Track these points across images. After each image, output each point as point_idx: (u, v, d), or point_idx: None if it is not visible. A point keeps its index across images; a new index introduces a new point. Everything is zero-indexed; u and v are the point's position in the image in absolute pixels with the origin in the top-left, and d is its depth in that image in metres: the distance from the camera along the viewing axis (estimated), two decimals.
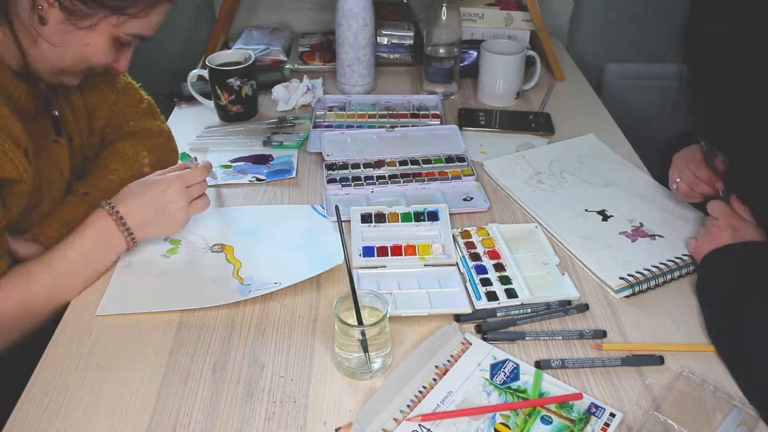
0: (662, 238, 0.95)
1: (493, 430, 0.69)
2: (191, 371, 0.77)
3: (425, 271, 0.91)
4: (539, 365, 0.77)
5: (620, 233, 0.96)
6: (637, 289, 0.87)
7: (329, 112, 1.32)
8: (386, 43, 1.51)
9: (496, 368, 0.76)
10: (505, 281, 0.89)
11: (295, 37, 1.64)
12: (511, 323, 0.82)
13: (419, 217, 0.99)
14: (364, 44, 1.33)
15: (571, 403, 0.72)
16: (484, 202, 1.05)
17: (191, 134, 1.24)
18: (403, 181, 1.09)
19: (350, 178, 1.10)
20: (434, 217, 0.99)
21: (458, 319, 0.83)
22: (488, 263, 0.92)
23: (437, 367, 0.76)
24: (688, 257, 0.90)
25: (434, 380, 0.74)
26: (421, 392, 0.73)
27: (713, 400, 0.72)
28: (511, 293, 0.87)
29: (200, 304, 0.85)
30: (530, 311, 0.84)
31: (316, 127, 1.27)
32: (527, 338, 0.80)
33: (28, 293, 0.82)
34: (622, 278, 0.87)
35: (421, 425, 0.69)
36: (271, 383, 0.75)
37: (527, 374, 0.75)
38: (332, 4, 1.34)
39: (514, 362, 0.77)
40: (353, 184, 1.08)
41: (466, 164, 1.13)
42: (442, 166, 1.13)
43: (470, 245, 0.95)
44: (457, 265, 0.92)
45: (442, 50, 1.35)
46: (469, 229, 0.98)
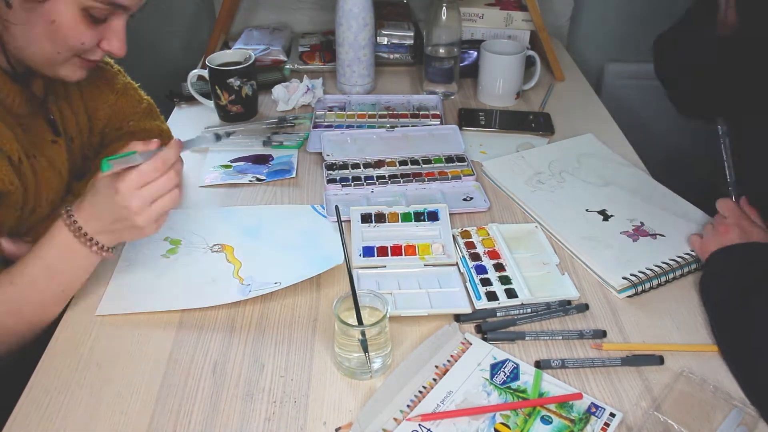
0: (663, 237, 0.95)
1: (493, 430, 0.69)
2: (191, 371, 0.77)
3: (425, 271, 0.91)
4: (539, 365, 0.77)
5: (621, 233, 0.96)
6: (639, 288, 0.87)
7: (329, 112, 1.32)
8: (386, 43, 1.51)
9: (496, 368, 0.76)
10: (505, 281, 0.89)
11: (295, 37, 1.64)
12: (511, 323, 0.82)
13: (419, 217, 0.99)
14: (364, 44, 1.33)
15: (571, 403, 0.72)
16: (484, 202, 1.05)
17: (191, 134, 1.24)
18: (403, 181, 1.09)
19: (350, 178, 1.10)
20: (434, 217, 0.99)
21: (458, 319, 0.83)
22: (488, 263, 0.92)
23: (437, 367, 0.76)
24: (689, 256, 0.90)
25: (434, 380, 0.74)
26: (421, 392, 0.73)
27: (713, 400, 0.72)
28: (511, 293, 0.87)
29: (200, 304, 0.85)
30: (530, 311, 0.84)
31: (316, 127, 1.27)
32: (527, 338, 0.80)
33: None
34: (624, 278, 0.87)
35: (421, 425, 0.69)
36: (271, 383, 0.75)
37: (527, 374, 0.75)
38: (332, 4, 1.34)
39: (514, 362, 0.77)
40: (353, 184, 1.08)
41: (466, 164, 1.13)
42: (442, 166, 1.13)
43: (470, 245, 0.95)
44: (457, 265, 0.92)
45: (442, 50, 1.35)
46: (469, 229, 0.98)
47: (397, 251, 0.94)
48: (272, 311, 0.85)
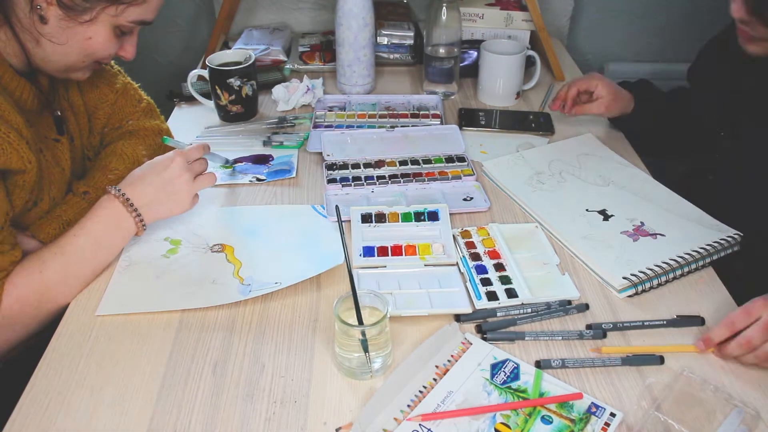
0: (663, 236, 0.94)
1: (493, 429, 0.69)
2: (191, 371, 0.77)
3: (425, 271, 0.91)
4: (539, 365, 0.77)
5: (621, 232, 0.96)
6: (640, 288, 0.87)
7: (329, 112, 1.32)
8: (386, 43, 1.51)
9: (496, 368, 0.76)
10: (505, 281, 0.89)
11: (295, 37, 1.64)
12: (511, 323, 0.82)
13: (419, 217, 0.99)
14: (364, 44, 1.33)
15: (571, 402, 0.72)
16: (484, 202, 1.05)
17: (191, 134, 1.24)
18: (403, 181, 1.09)
19: (350, 178, 1.10)
20: (434, 217, 0.99)
21: (458, 319, 0.83)
22: (488, 263, 0.92)
23: (437, 367, 0.76)
24: (689, 256, 0.90)
25: (434, 380, 0.74)
26: (421, 392, 0.73)
27: (714, 400, 0.72)
28: (511, 293, 0.87)
29: (200, 304, 0.85)
30: (530, 311, 0.84)
31: (316, 127, 1.27)
32: (527, 338, 0.80)
33: (42, 280, 0.82)
34: (625, 278, 0.87)
35: (421, 425, 0.69)
36: (271, 383, 0.75)
37: (527, 374, 0.75)
38: (332, 4, 1.34)
39: (514, 362, 0.77)
40: (353, 184, 1.08)
41: (466, 164, 1.13)
42: (442, 166, 1.13)
43: (470, 245, 0.95)
44: (457, 265, 0.92)
45: (442, 50, 1.35)
46: (469, 229, 0.98)
47: (397, 251, 0.94)
48: (272, 311, 0.85)
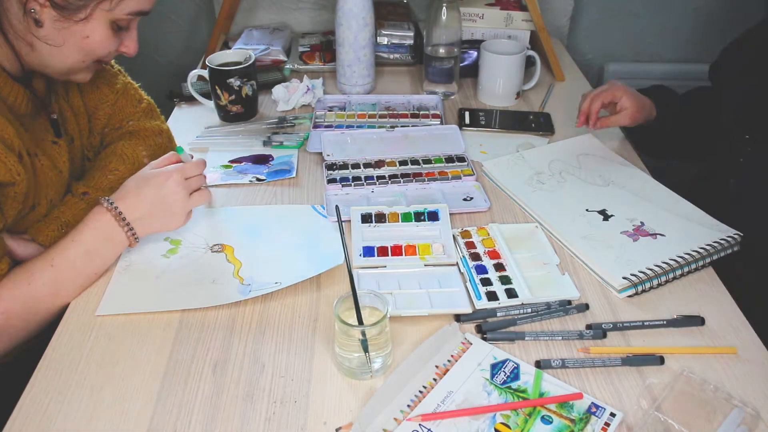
0: (663, 236, 0.94)
1: (493, 429, 0.69)
2: (191, 371, 0.77)
3: (425, 271, 0.91)
4: (539, 365, 0.77)
5: (621, 232, 0.96)
6: (640, 288, 0.87)
7: (329, 112, 1.32)
8: (386, 43, 1.51)
9: (496, 368, 0.76)
10: (505, 281, 0.89)
11: (295, 37, 1.64)
12: (511, 323, 0.82)
13: (419, 217, 0.99)
14: (364, 44, 1.33)
15: (571, 402, 0.72)
16: (484, 202, 1.05)
17: (191, 134, 1.24)
18: (403, 181, 1.09)
19: (350, 178, 1.10)
20: (434, 217, 0.99)
21: (458, 319, 0.83)
22: (488, 263, 0.92)
23: (437, 367, 0.76)
24: (689, 256, 0.90)
25: (434, 380, 0.74)
26: (421, 392, 0.73)
27: (714, 400, 0.72)
28: (511, 293, 0.87)
29: (200, 304, 0.85)
30: (530, 311, 0.84)
31: (316, 127, 1.27)
32: (527, 338, 0.80)
33: (30, 292, 0.81)
34: (625, 278, 0.87)
35: (421, 425, 0.69)
36: (271, 383, 0.75)
37: (527, 374, 0.75)
38: (332, 4, 1.34)
39: (514, 362, 0.77)
40: (353, 184, 1.08)
41: (466, 164, 1.13)
42: (442, 166, 1.13)
43: (470, 245, 0.95)
44: (457, 265, 0.92)
45: (442, 50, 1.35)
46: (469, 229, 0.98)
47: (397, 251, 0.94)
48: (272, 311, 0.85)
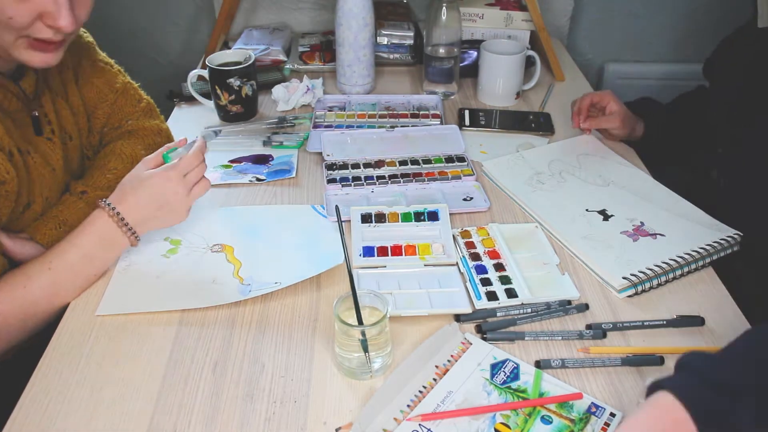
0: (663, 236, 0.94)
1: (493, 430, 0.69)
2: (191, 371, 0.77)
3: (425, 271, 0.91)
4: (539, 365, 0.77)
5: (621, 233, 0.96)
6: (640, 288, 0.87)
7: (329, 112, 1.32)
8: (386, 43, 1.51)
9: (496, 368, 0.76)
10: (505, 281, 0.89)
11: (295, 37, 1.64)
12: (511, 323, 0.82)
13: (419, 217, 0.99)
14: (364, 44, 1.33)
15: (571, 402, 0.72)
16: (484, 202, 1.05)
17: (191, 134, 1.23)
18: (403, 181, 1.09)
19: (350, 178, 1.10)
20: (434, 217, 0.99)
21: (458, 319, 0.83)
22: (488, 263, 0.92)
23: (437, 367, 0.76)
24: (689, 256, 0.90)
25: (434, 380, 0.74)
26: (421, 392, 0.73)
27: None
28: (511, 293, 0.87)
29: (200, 304, 0.85)
30: (530, 311, 0.84)
31: (316, 127, 1.27)
32: (527, 338, 0.80)
33: (26, 295, 0.81)
34: (625, 278, 0.87)
35: (421, 425, 0.69)
36: (271, 383, 0.75)
37: (527, 374, 0.75)
38: (332, 4, 1.34)
39: (514, 362, 0.77)
40: (353, 184, 1.08)
41: (466, 164, 1.13)
42: (442, 166, 1.13)
43: (470, 245, 0.95)
44: (457, 265, 0.92)
45: (442, 50, 1.35)
46: (469, 229, 0.98)
47: (397, 251, 0.94)
48: (272, 311, 0.85)
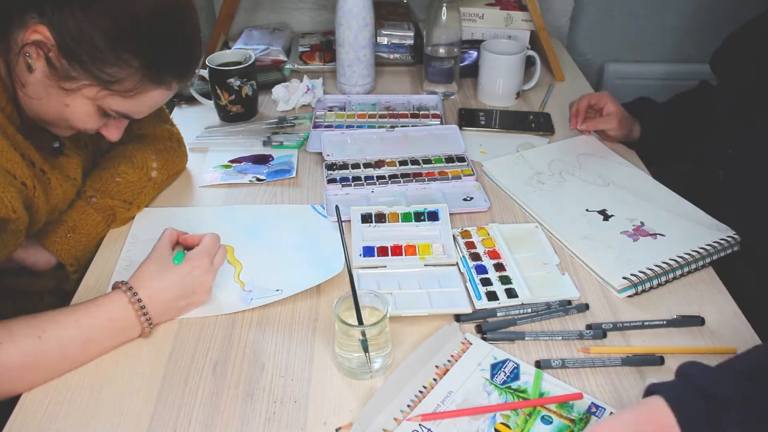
0: (663, 236, 0.94)
1: (493, 430, 0.69)
2: (191, 371, 0.77)
3: (425, 271, 0.91)
4: (539, 365, 0.77)
5: (621, 233, 0.96)
6: (640, 288, 0.87)
7: (329, 112, 1.32)
8: (386, 43, 1.51)
9: (496, 368, 0.76)
10: (505, 281, 0.89)
11: (295, 37, 1.64)
12: (511, 323, 0.82)
13: (419, 217, 0.99)
14: (364, 44, 1.33)
15: (571, 402, 0.72)
16: (484, 202, 1.05)
17: (191, 134, 1.24)
18: (403, 181, 1.09)
19: (350, 178, 1.10)
20: (434, 217, 0.99)
21: (458, 319, 0.83)
22: (488, 263, 0.92)
23: (437, 367, 0.76)
24: (689, 256, 0.90)
25: (434, 380, 0.74)
26: (421, 392, 0.73)
27: None
28: (511, 293, 0.87)
29: (201, 313, 0.84)
30: (530, 311, 0.84)
31: (316, 127, 1.27)
32: (527, 338, 0.80)
33: None
34: (625, 278, 0.87)
35: (421, 425, 0.69)
36: (271, 383, 0.75)
37: (527, 374, 0.75)
38: (332, 4, 1.34)
39: (514, 362, 0.77)
40: (353, 184, 1.08)
41: (466, 164, 1.13)
42: (442, 166, 1.13)
43: (470, 245, 0.95)
44: (457, 265, 0.92)
45: (442, 50, 1.35)
46: (469, 229, 0.98)
47: (397, 251, 0.94)
48: (272, 311, 0.85)
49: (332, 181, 1.09)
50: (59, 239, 0.89)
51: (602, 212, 1.01)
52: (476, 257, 0.93)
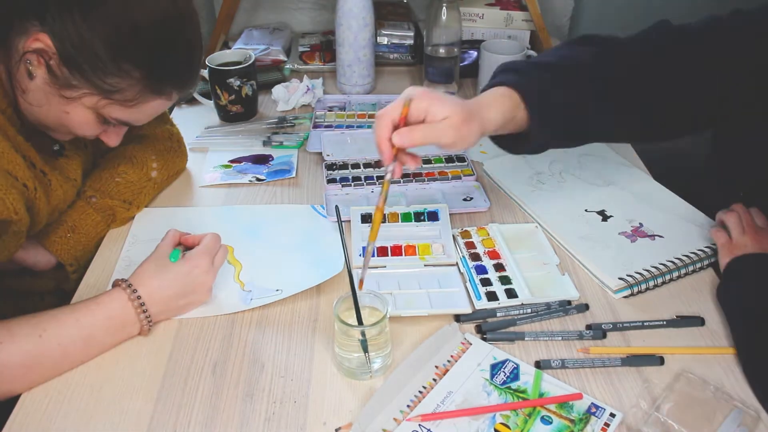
0: (662, 238, 0.95)
1: (493, 430, 0.69)
2: (191, 371, 0.77)
3: (425, 271, 0.91)
4: (539, 365, 0.77)
5: (620, 233, 0.96)
6: (636, 289, 0.87)
7: (329, 112, 1.32)
8: (386, 43, 1.51)
9: (496, 368, 0.76)
10: (505, 281, 0.89)
11: (295, 37, 1.64)
12: (511, 323, 0.82)
13: (419, 217, 0.99)
14: (364, 44, 1.33)
15: (571, 403, 0.72)
16: (484, 202, 1.05)
17: (191, 134, 1.24)
18: (403, 181, 1.09)
19: (350, 178, 1.10)
20: (434, 217, 0.99)
21: (458, 319, 0.83)
22: (488, 263, 0.92)
23: (437, 367, 0.76)
24: (687, 258, 0.90)
25: (434, 380, 0.74)
26: (421, 392, 0.73)
27: (713, 400, 0.72)
28: (511, 293, 0.87)
29: (201, 313, 0.84)
30: (530, 311, 0.84)
31: (316, 127, 1.27)
32: (527, 338, 0.80)
33: None
34: (621, 278, 0.87)
35: (421, 425, 0.69)
36: (271, 383, 0.75)
37: (527, 374, 0.75)
38: (332, 4, 1.34)
39: (514, 362, 0.77)
40: (353, 184, 1.08)
41: (466, 164, 1.13)
42: (442, 166, 1.13)
43: (470, 245, 0.95)
44: (457, 265, 0.92)
45: (442, 50, 1.35)
46: (469, 229, 0.98)
47: (397, 251, 0.94)
48: (272, 311, 0.85)
49: (332, 181, 1.09)
50: (59, 239, 0.89)
51: (601, 213, 1.01)
52: (476, 257, 0.93)
